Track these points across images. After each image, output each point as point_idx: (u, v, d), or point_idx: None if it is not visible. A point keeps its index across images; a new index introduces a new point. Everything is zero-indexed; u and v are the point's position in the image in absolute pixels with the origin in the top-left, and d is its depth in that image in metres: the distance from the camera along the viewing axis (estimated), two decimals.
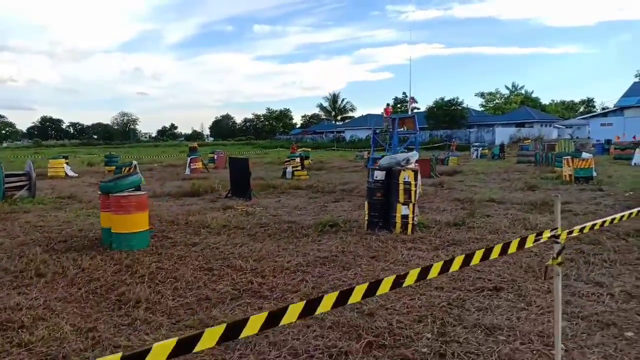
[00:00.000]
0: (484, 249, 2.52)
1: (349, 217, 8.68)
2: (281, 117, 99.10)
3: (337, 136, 69.85)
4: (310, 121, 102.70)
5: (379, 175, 7.45)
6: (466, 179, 16.36)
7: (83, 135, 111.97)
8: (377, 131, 25.29)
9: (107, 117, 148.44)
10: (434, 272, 2.47)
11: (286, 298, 4.43)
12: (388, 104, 25.78)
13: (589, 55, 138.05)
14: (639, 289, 4.44)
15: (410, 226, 7.25)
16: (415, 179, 7.29)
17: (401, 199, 7.26)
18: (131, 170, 16.73)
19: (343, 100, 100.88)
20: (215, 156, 28.83)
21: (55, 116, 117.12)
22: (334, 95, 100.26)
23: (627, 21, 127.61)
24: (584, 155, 14.17)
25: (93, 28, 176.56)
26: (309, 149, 32.77)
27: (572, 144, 31.97)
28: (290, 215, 9.40)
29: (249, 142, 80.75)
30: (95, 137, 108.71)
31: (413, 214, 7.29)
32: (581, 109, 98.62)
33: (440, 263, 2.33)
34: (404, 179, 7.22)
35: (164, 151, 51.71)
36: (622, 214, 3.81)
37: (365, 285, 2.27)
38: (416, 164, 7.80)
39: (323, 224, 7.91)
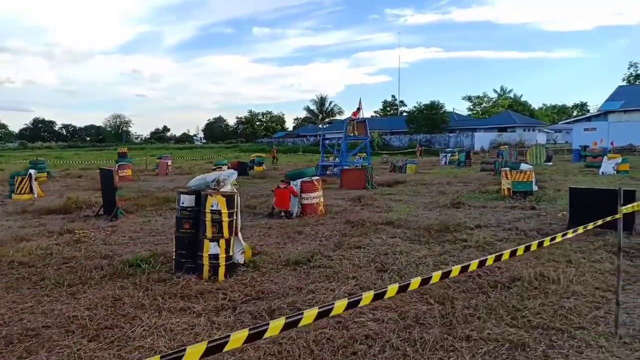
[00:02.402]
0: None
1: None
2: (264, 120, 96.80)
3: (318, 140, 68.02)
4: (303, 124, 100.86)
5: (187, 200, 5.69)
6: (400, 192, 14.62)
7: (75, 137, 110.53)
8: (327, 136, 23.54)
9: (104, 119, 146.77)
10: None
11: None
12: (358, 109, 23.94)
13: (587, 60, 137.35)
14: None
15: (222, 269, 5.48)
16: (230, 206, 5.52)
17: (209, 233, 5.49)
18: (25, 181, 14.94)
19: (330, 103, 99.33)
20: (162, 159, 27.05)
21: (54, 118, 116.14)
22: (322, 98, 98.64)
23: (625, 26, 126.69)
24: (523, 166, 12.42)
25: (91, 30, 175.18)
26: (263, 155, 30.88)
27: (543, 151, 30.25)
28: (129, 244, 7.63)
29: (237, 145, 78.58)
30: (88, 139, 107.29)
31: (227, 252, 5.53)
32: (574, 113, 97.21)
33: None
34: (212, 206, 5.45)
35: (134, 155, 49.73)
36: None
37: None
38: (230, 189, 6.01)
39: (130, 262, 6.14)
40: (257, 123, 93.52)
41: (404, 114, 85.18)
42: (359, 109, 23.22)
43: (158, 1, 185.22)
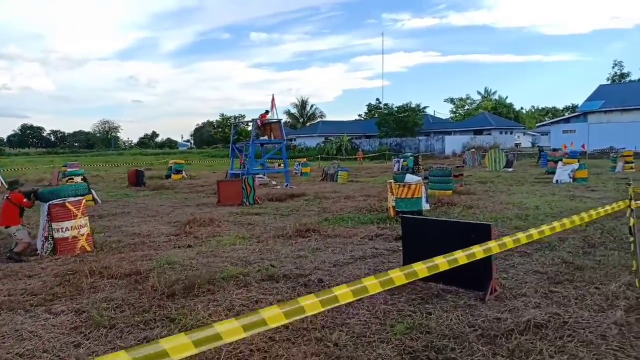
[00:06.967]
0: None
1: None
2: (235, 123, 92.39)
3: (289, 144, 64.73)
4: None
5: None
6: (275, 210, 11.32)
7: (64, 143, 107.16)
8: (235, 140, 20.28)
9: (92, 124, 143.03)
10: None
11: None
12: (267, 111, 20.55)
13: (582, 63, 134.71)
14: None
15: None
16: None
17: None
18: None
19: (312, 106, 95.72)
20: (68, 169, 23.70)
21: (50, 124, 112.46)
22: (302, 101, 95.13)
23: (621, 29, 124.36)
24: (408, 178, 9.11)
25: (88, 36, 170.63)
26: (183, 161, 27.33)
27: (503, 155, 26.91)
28: None
29: (219, 149, 74.54)
30: (77, 144, 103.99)
31: None
32: (565, 115, 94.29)
33: None
34: None
35: (97, 161, 46.21)
36: None
37: None
38: None
39: None
40: (228, 126, 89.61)
41: None
42: (267, 112, 19.84)
43: (155, 7, 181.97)
